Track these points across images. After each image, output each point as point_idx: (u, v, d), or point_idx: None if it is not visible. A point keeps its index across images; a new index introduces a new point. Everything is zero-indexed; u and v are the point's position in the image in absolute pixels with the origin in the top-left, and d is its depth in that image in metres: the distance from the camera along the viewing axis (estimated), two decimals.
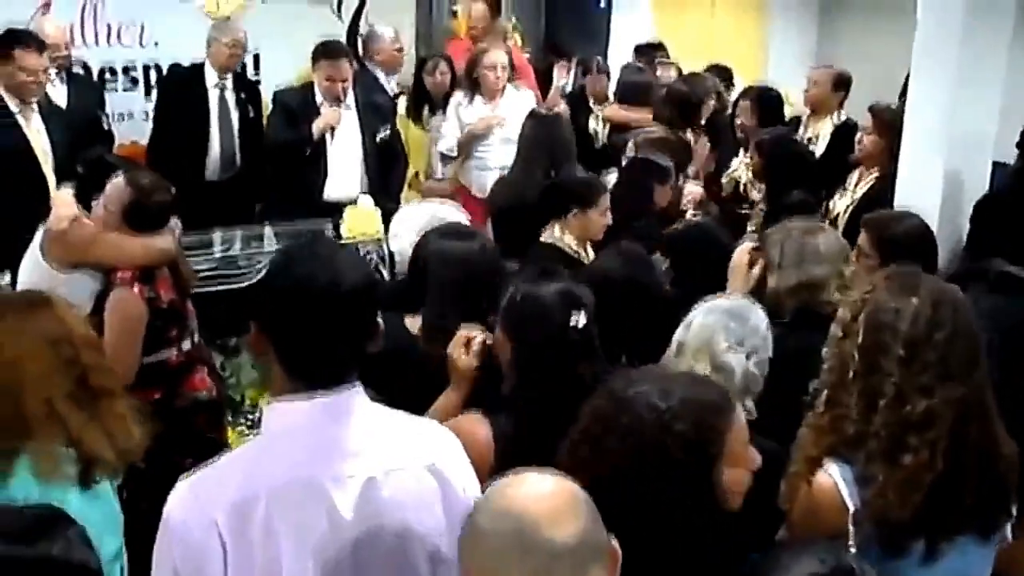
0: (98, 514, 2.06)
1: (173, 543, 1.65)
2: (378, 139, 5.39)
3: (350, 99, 5.34)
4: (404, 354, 2.63)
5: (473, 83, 5.58)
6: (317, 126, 5.28)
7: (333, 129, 5.29)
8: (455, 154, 5.65)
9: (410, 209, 3.69)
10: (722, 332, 2.49)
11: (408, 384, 2.43)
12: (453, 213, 3.43)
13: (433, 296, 2.79)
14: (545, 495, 1.49)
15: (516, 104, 5.57)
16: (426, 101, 5.89)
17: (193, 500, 1.67)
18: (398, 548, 1.75)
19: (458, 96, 5.67)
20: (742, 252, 3.24)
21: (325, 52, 5.30)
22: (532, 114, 4.94)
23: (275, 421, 1.77)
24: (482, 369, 2.54)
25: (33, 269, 3.49)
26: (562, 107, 6.12)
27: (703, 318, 2.55)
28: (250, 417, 4.72)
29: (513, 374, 2.37)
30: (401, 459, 1.78)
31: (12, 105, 4.51)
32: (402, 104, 5.96)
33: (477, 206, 5.39)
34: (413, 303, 2.86)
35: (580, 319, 2.31)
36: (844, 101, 5.78)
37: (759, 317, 2.57)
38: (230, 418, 4.57)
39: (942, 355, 2.01)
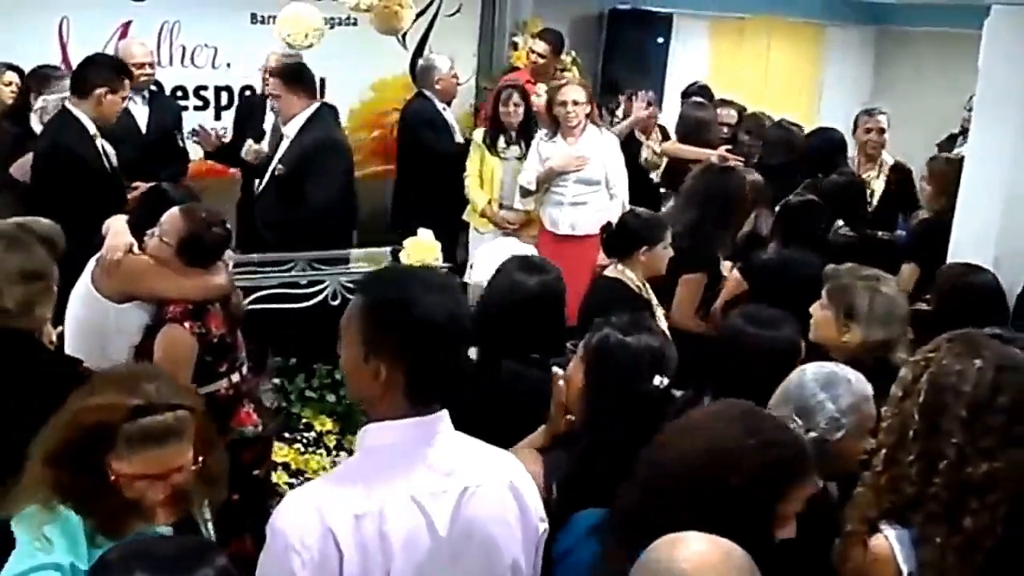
0: None
1: (290, 552, 1.74)
2: (276, 173, 5.18)
3: (291, 128, 5.16)
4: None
5: (554, 120, 5.63)
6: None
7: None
8: (533, 188, 5.68)
9: (493, 244, 3.81)
10: (790, 401, 2.45)
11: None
12: (530, 250, 3.55)
13: (494, 324, 2.92)
14: (704, 553, 1.52)
15: (597, 144, 5.60)
16: (502, 131, 5.97)
17: (309, 512, 1.76)
18: (486, 560, 1.89)
19: (540, 132, 5.76)
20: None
21: None
22: (706, 166, 4.87)
23: (373, 443, 1.89)
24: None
25: (84, 300, 3.45)
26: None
27: (789, 378, 2.52)
28: (306, 436, 4.81)
29: (584, 411, 2.42)
30: (486, 476, 1.92)
31: (90, 128, 4.55)
32: (479, 134, 6.04)
33: (550, 239, 5.55)
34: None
35: (664, 381, 2.36)
36: None
37: (838, 393, 2.44)
38: (287, 435, 4.70)
39: (1006, 420, 2.03)
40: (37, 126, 4.85)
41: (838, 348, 3.09)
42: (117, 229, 3.53)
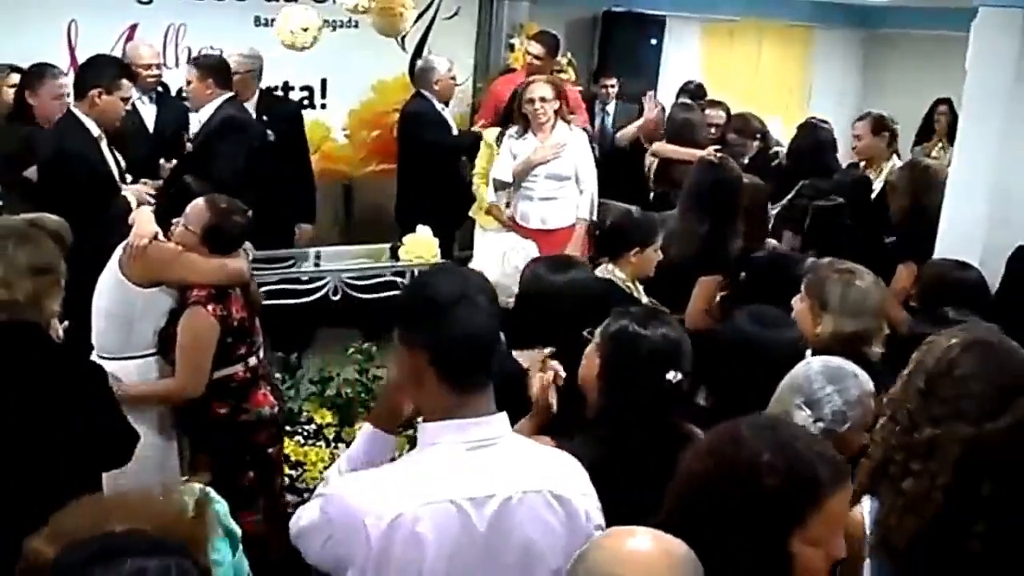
0: None
1: (326, 523, 1.86)
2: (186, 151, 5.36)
3: (204, 114, 5.33)
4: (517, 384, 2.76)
5: (523, 117, 5.63)
6: None
7: None
8: (509, 180, 5.69)
9: (492, 238, 3.88)
10: (798, 392, 2.45)
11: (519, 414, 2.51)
12: (530, 246, 3.64)
13: (549, 326, 2.94)
14: (643, 553, 1.53)
15: (567, 140, 5.64)
16: None
17: (349, 502, 1.84)
18: (523, 565, 1.89)
19: (511, 129, 5.77)
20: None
21: None
22: (704, 164, 4.80)
23: (428, 441, 1.91)
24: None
25: (112, 286, 3.62)
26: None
27: (795, 370, 2.52)
28: (307, 428, 4.89)
29: (600, 400, 2.46)
30: (534, 483, 1.91)
31: (94, 130, 4.55)
32: (491, 133, 6.08)
33: (525, 233, 5.56)
34: (522, 336, 2.98)
35: (677, 375, 2.38)
36: (893, 144, 5.78)
37: (846, 386, 2.45)
38: (288, 428, 4.80)
39: (956, 392, 2.08)
40: None
41: (813, 340, 3.09)
42: (144, 218, 3.71)
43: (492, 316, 1.92)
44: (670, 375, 2.37)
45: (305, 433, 4.86)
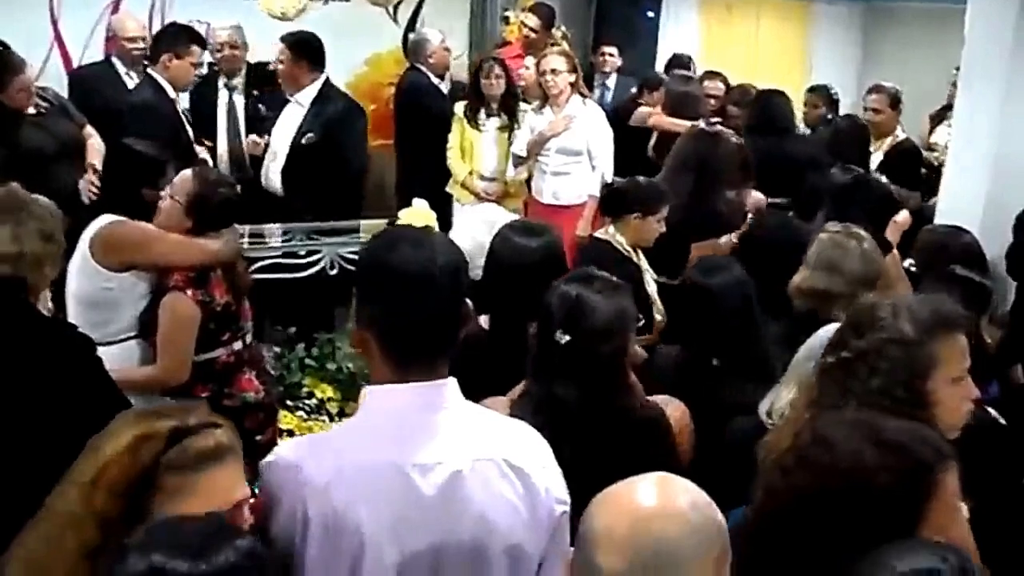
0: None
1: (264, 499, 1.78)
2: (303, 141, 5.29)
3: (304, 97, 5.32)
4: (478, 348, 2.78)
5: (543, 91, 5.68)
6: None
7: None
8: (523, 154, 5.74)
9: (474, 209, 3.86)
10: (816, 360, 2.38)
11: (477, 378, 2.45)
12: (505, 215, 3.62)
13: (503, 290, 2.97)
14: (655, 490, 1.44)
15: (580, 115, 5.63)
16: (482, 104, 6.03)
17: (287, 468, 1.75)
18: (476, 538, 1.77)
19: (534, 104, 5.82)
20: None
21: None
22: (696, 131, 4.78)
23: (372, 405, 1.83)
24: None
25: (82, 270, 3.41)
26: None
27: (810, 341, 2.51)
28: (308, 403, 4.87)
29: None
30: (487, 452, 1.79)
31: (171, 92, 5.08)
32: (460, 107, 6.07)
33: (539, 207, 5.63)
34: (486, 301, 2.98)
35: (564, 338, 2.33)
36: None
37: None
38: (289, 403, 4.76)
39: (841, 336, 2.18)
40: None
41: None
42: None
43: (448, 291, 1.80)
44: (557, 336, 2.33)
45: (307, 408, 4.82)
